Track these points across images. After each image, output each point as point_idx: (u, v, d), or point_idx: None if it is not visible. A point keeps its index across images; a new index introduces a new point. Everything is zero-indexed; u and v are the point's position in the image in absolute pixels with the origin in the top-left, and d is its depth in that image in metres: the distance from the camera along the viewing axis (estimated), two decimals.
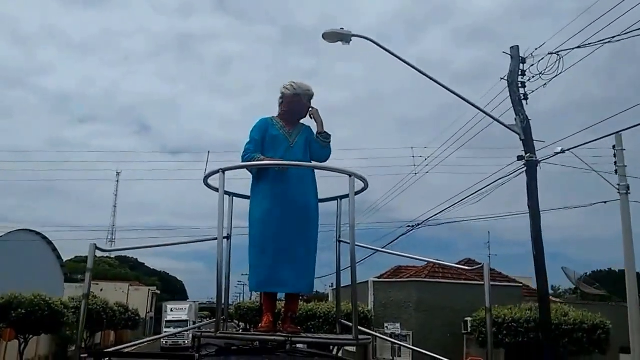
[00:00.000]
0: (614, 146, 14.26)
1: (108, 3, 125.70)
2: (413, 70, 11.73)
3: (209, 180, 3.84)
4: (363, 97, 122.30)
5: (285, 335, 3.46)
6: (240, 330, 21.18)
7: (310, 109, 4.20)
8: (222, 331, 3.52)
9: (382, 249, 5.79)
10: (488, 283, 3.39)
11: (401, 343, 11.17)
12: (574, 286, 29.02)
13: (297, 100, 4.15)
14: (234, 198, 4.08)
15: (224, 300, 3.64)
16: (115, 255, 69.21)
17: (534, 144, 12.05)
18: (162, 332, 35.35)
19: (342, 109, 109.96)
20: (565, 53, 11.52)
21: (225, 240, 3.71)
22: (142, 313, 45.81)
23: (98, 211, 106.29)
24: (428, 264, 21.89)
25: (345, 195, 3.83)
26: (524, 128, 12.02)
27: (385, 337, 15.98)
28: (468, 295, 18.40)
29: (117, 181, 75.36)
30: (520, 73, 12.48)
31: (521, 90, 12.43)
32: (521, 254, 33.64)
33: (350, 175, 3.59)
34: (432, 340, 17.98)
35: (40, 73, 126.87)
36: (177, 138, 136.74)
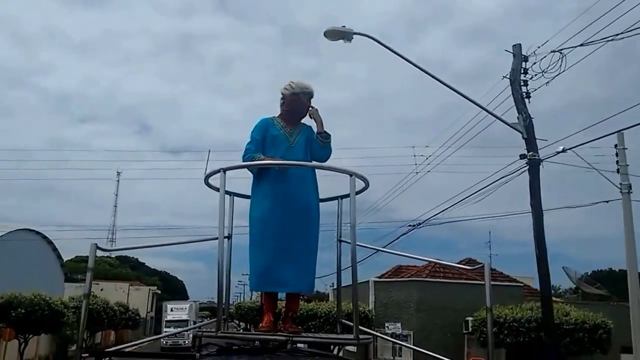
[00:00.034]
0: (615, 145, 14.17)
1: (109, 3, 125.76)
2: (413, 70, 11.72)
3: (210, 180, 3.83)
4: (364, 97, 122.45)
5: (286, 334, 3.45)
6: (241, 330, 21.18)
7: (310, 108, 4.17)
8: (223, 331, 3.51)
9: (383, 249, 5.76)
10: (489, 283, 3.37)
11: (402, 343, 11.13)
12: (574, 286, 29.01)
13: (296, 99, 4.13)
14: (234, 198, 4.07)
15: (224, 299, 3.63)
16: (115, 255, 69.32)
17: (537, 142, 12.00)
18: (162, 332, 35.31)
19: (343, 109, 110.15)
20: (568, 51, 11.50)
21: (226, 240, 3.70)
22: (143, 313, 45.82)
23: (98, 211, 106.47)
24: (429, 263, 21.90)
25: (346, 195, 3.81)
26: (526, 126, 11.97)
27: (386, 337, 15.88)
28: (469, 295, 18.40)
29: (118, 181, 75.62)
30: (522, 71, 12.46)
31: (523, 88, 12.41)
32: (522, 253, 33.69)
33: (351, 175, 3.57)
34: (433, 340, 17.92)
35: (41, 73, 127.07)
36: (178, 138, 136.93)
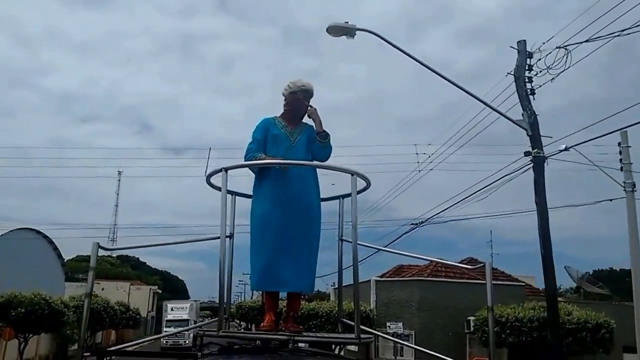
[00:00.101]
0: (619, 143, 14.03)
1: (110, 4, 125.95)
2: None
3: (212, 179, 3.81)
4: (365, 97, 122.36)
5: (287, 334, 3.45)
6: (242, 329, 21.17)
7: (309, 108, 4.14)
8: (224, 330, 3.50)
9: (385, 248, 5.73)
10: (490, 282, 3.35)
11: (403, 342, 11.10)
12: (576, 285, 28.97)
13: (295, 98, 4.12)
14: (236, 197, 4.06)
15: (226, 299, 3.62)
16: (116, 255, 69.36)
17: (541, 139, 11.89)
18: (163, 332, 35.27)
19: (344, 109, 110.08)
20: (573, 47, 11.42)
21: (228, 239, 3.68)
22: (143, 312, 45.82)
23: (99, 210, 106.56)
24: (430, 263, 21.87)
25: (348, 194, 3.80)
26: (531, 123, 11.85)
27: (388, 337, 15.84)
28: (470, 295, 18.37)
29: (119, 180, 75.54)
30: (527, 68, 12.38)
31: (528, 85, 12.31)
32: (524, 253, 33.61)
33: (352, 174, 3.56)
34: (435, 340, 17.91)
35: (43, 73, 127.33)
36: (179, 137, 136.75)
